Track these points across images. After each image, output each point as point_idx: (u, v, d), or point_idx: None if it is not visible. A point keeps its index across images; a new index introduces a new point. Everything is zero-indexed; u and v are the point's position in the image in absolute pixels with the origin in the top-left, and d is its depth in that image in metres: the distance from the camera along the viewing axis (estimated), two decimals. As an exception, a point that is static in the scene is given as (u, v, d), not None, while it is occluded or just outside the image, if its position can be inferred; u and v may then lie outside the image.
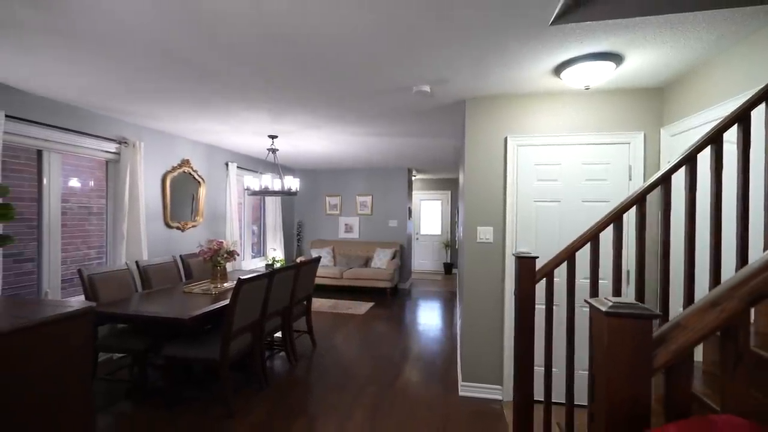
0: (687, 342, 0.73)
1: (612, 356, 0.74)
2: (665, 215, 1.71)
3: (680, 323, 0.75)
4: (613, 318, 0.75)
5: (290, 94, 2.78)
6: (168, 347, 2.61)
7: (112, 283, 3.00)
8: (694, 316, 0.75)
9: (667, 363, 0.74)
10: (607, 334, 0.75)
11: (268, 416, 2.55)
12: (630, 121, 2.66)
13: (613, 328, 0.75)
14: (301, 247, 7.46)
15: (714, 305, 0.73)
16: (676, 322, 0.76)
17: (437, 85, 2.59)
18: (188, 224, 4.46)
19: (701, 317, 0.73)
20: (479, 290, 2.85)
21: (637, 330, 0.73)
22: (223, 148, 5.11)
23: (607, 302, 0.77)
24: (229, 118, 3.49)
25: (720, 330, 0.73)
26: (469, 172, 2.89)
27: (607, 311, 0.75)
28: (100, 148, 3.40)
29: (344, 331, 4.47)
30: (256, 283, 2.73)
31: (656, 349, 0.75)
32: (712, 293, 0.75)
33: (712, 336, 0.75)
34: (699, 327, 0.73)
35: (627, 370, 0.73)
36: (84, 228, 3.58)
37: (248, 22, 1.75)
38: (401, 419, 2.54)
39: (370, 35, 1.88)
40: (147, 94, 2.83)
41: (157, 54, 2.10)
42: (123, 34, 1.86)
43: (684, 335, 0.73)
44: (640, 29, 1.83)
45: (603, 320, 0.76)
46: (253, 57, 2.13)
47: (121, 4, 1.60)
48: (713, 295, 0.74)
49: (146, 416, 2.53)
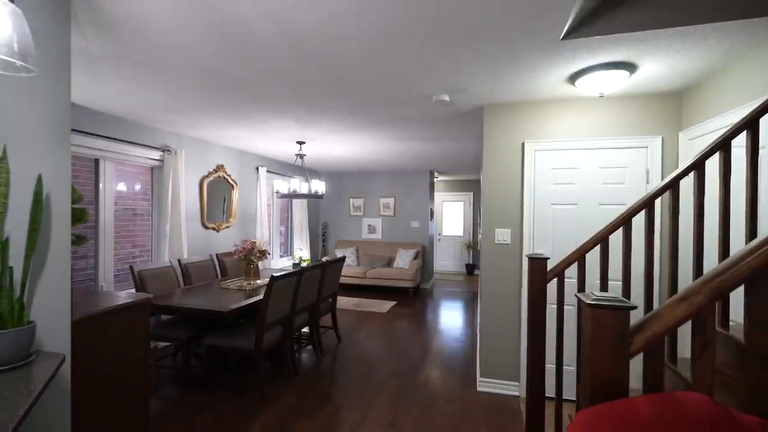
0: (660, 330, 0.85)
1: (595, 342, 0.88)
2: (673, 219, 1.79)
3: (655, 314, 0.88)
4: (595, 309, 0.88)
5: (317, 104, 2.99)
6: (209, 337, 2.87)
7: (158, 278, 3.31)
8: (667, 308, 0.87)
9: (643, 348, 0.86)
10: (590, 323, 0.89)
11: (297, 403, 2.77)
12: (648, 126, 2.70)
13: (595, 318, 0.88)
14: (326, 247, 7.72)
15: (683, 300, 0.85)
16: (653, 314, 0.89)
17: (456, 94, 2.73)
18: (222, 225, 4.78)
19: (673, 309, 0.86)
20: (497, 289, 2.96)
21: (616, 320, 0.86)
22: (253, 154, 5.41)
23: (591, 296, 0.91)
24: (260, 126, 3.75)
25: (689, 320, 0.85)
26: (488, 175, 3.01)
27: (590, 303, 0.88)
28: (147, 155, 3.74)
29: (368, 328, 4.66)
30: (287, 281, 2.95)
31: (634, 336, 0.88)
32: (683, 290, 0.87)
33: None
34: (670, 317, 0.85)
35: (608, 353, 0.86)
36: (129, 228, 3.93)
37: (278, 42, 1.94)
38: (421, 410, 2.69)
39: (392, 51, 2.05)
40: (189, 108, 3.12)
41: (199, 73, 2.35)
42: (172, 58, 2.12)
43: (657, 324, 0.86)
44: (651, 41, 1.91)
45: (588, 311, 0.90)
46: (283, 73, 2.34)
47: (173, 34, 1.84)
48: (683, 291, 0.86)
49: (189, 399, 2.79)
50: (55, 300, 1.44)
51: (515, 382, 2.92)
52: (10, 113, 1.29)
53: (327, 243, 7.74)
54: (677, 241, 1.79)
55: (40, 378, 1.15)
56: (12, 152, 1.29)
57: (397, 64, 2.20)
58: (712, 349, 0.83)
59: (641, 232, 1.94)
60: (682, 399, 0.78)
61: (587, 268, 2.01)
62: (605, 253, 1.86)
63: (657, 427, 0.71)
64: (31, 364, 1.24)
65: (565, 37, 1.87)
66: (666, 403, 0.77)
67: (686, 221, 2.22)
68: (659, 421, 0.72)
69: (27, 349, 1.25)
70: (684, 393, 0.80)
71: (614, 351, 0.85)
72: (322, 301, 3.80)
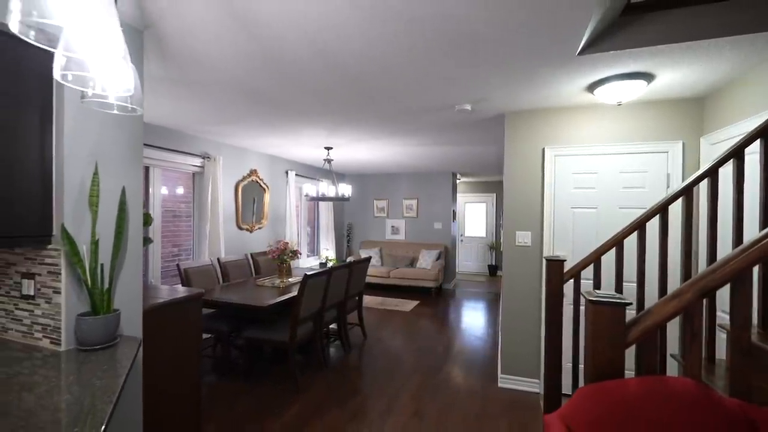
0: (653, 323, 0.99)
1: (595, 331, 1.02)
2: (687, 224, 1.87)
3: (649, 310, 1.01)
4: (596, 305, 1.03)
5: (345, 114, 3.20)
6: (248, 330, 3.13)
7: (201, 275, 3.61)
8: (660, 305, 1.00)
9: (637, 338, 1.00)
10: (592, 316, 1.03)
11: (328, 392, 2.98)
12: (668, 131, 2.75)
13: (596, 312, 1.02)
14: (351, 248, 7.96)
15: (674, 297, 0.98)
16: (646, 310, 1.02)
17: (477, 104, 2.87)
18: (255, 226, 5.08)
19: (664, 306, 0.99)
20: (518, 289, 3.08)
21: (613, 314, 1.00)
22: (283, 158, 5.70)
23: (593, 293, 1.05)
24: (292, 134, 4.00)
25: (677, 315, 0.98)
26: (509, 179, 3.13)
27: (592, 300, 1.03)
28: (190, 162, 4.06)
29: (392, 326, 4.84)
30: (318, 279, 3.17)
31: (630, 329, 1.02)
32: (675, 289, 1.00)
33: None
34: (662, 313, 0.99)
35: (606, 341, 1.01)
36: (170, 229, 4.27)
37: (315, 63, 2.15)
38: (443, 403, 2.85)
39: (419, 69, 2.22)
40: (229, 119, 3.39)
41: (240, 90, 2.60)
42: (219, 78, 2.37)
43: (651, 318, 1.00)
44: (666, 54, 1.99)
45: (590, 307, 1.04)
46: (316, 88, 2.56)
47: (222, 60, 2.08)
48: (675, 290, 1.00)
49: (229, 386, 3.06)
50: (131, 292, 1.70)
51: (536, 380, 3.02)
52: (101, 138, 1.55)
53: (351, 243, 7.98)
54: (690, 247, 1.87)
55: (127, 356, 1.40)
56: (101, 169, 1.55)
57: (423, 79, 2.37)
58: (700, 340, 0.96)
59: (658, 235, 2.03)
60: (670, 381, 0.92)
61: (605, 269, 2.11)
62: (620, 256, 1.97)
63: (644, 401, 0.85)
64: (117, 345, 1.49)
65: (582, 52, 1.99)
66: (654, 383, 0.91)
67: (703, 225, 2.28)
68: (646, 397, 0.86)
69: (114, 332, 1.50)
70: (672, 377, 0.93)
71: (611, 340, 0.99)
72: (349, 299, 4.01)
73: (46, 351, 1.44)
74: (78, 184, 1.48)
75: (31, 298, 1.49)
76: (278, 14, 1.63)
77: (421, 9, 1.57)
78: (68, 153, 1.44)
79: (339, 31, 1.76)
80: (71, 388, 1.14)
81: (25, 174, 1.35)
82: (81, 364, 1.32)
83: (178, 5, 1.57)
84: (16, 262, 1.53)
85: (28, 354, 1.41)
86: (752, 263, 0.90)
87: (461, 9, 1.57)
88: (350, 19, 1.66)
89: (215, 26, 1.73)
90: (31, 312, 1.50)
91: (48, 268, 1.46)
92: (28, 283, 1.49)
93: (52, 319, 1.46)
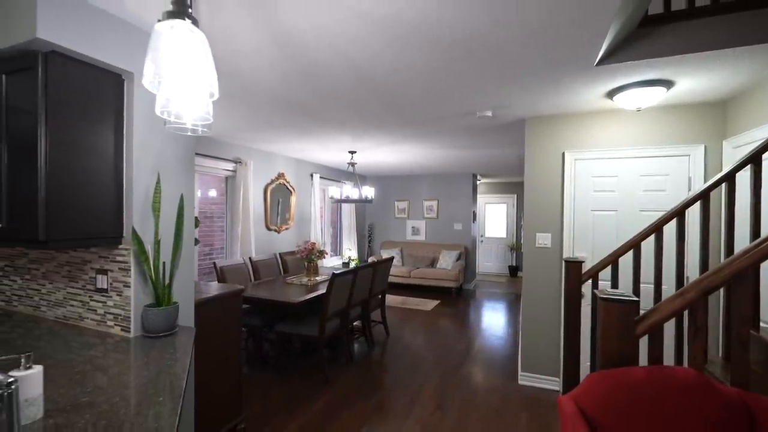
0: (660, 319, 1.10)
1: (606, 326, 1.14)
2: (704, 227, 1.94)
3: (656, 308, 1.12)
4: (606, 302, 1.14)
5: (371, 120, 3.36)
6: (279, 325, 3.34)
7: (234, 273, 3.85)
8: (666, 302, 1.11)
9: (645, 332, 1.11)
10: (603, 312, 1.15)
11: (354, 385, 3.15)
12: (689, 134, 2.78)
13: (606, 309, 1.14)
14: (372, 248, 8.13)
15: (679, 295, 1.09)
16: (654, 307, 1.13)
17: (498, 110, 2.97)
18: (282, 227, 5.32)
19: (671, 303, 1.10)
20: (538, 289, 3.16)
21: (622, 310, 1.12)
22: (309, 162, 5.93)
23: (604, 292, 1.17)
24: (318, 138, 4.20)
25: (682, 312, 1.08)
26: (529, 183, 3.21)
27: (602, 297, 1.14)
28: (223, 167, 4.32)
29: (413, 324, 4.98)
30: (345, 278, 3.34)
31: (638, 324, 1.13)
32: (681, 288, 1.11)
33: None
34: (668, 309, 1.09)
35: (615, 335, 1.12)
36: (203, 229, 4.54)
37: (347, 77, 2.32)
38: (465, 397, 2.97)
39: (443, 81, 2.35)
40: (261, 126, 3.62)
41: (275, 101, 2.80)
42: (256, 91, 2.57)
43: (658, 314, 1.10)
44: (684, 63, 2.06)
45: (601, 303, 1.16)
46: (346, 99, 2.73)
47: (262, 75, 2.28)
48: (681, 289, 1.10)
49: (262, 377, 3.27)
50: (186, 287, 1.91)
51: (555, 377, 3.10)
52: (162, 152, 1.76)
53: (373, 244, 8.15)
54: (708, 251, 1.93)
55: (186, 343, 1.59)
56: (162, 179, 1.76)
57: (446, 89, 2.50)
58: (703, 334, 1.07)
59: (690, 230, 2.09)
60: (673, 370, 1.03)
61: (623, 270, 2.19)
62: (637, 258, 2.05)
63: (647, 385, 0.97)
64: (176, 334, 1.69)
65: (600, 63, 2.08)
66: (658, 371, 1.02)
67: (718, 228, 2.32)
68: (650, 381, 0.97)
69: (174, 322, 1.71)
70: (675, 366, 1.04)
71: (619, 334, 1.11)
72: (372, 297, 4.17)
73: (117, 337, 1.65)
74: (144, 192, 1.69)
75: (104, 291, 1.72)
76: (314, 36, 1.80)
77: (447, 32, 1.71)
78: (136, 165, 1.66)
79: (369, 49, 1.92)
80: (149, 367, 1.34)
81: (102, 184, 1.57)
82: (149, 348, 1.53)
83: (229, 31, 1.76)
84: (91, 260, 1.75)
85: (102, 339, 1.63)
86: (751, 265, 1.00)
87: (484, 29, 1.70)
88: (379, 39, 1.81)
89: (258, 48, 1.92)
90: (104, 303, 1.72)
91: (119, 265, 1.68)
92: (101, 278, 1.72)
93: (123, 309, 1.68)
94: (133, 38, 1.64)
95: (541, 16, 1.60)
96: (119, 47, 1.59)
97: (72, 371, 1.28)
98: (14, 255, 2.03)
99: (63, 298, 1.84)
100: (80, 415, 1.01)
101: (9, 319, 1.87)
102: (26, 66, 1.40)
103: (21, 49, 1.43)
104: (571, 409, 0.99)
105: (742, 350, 1.03)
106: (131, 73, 1.64)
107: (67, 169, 1.45)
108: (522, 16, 1.60)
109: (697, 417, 0.94)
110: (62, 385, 1.18)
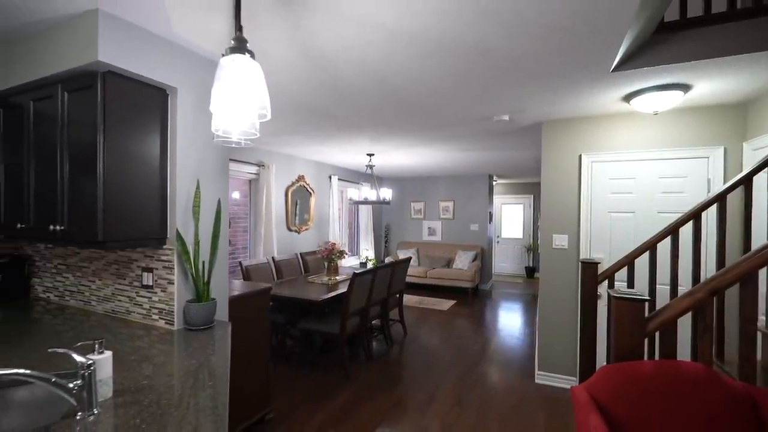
0: (670, 316, 1.17)
1: (618, 323, 1.21)
2: (720, 229, 1.97)
3: (666, 306, 1.19)
4: (618, 300, 1.22)
5: (390, 125, 3.47)
6: (303, 322, 3.48)
7: (259, 272, 4.01)
8: (676, 302, 1.18)
9: (656, 329, 1.18)
10: (615, 311, 1.22)
11: (374, 381, 3.26)
12: (708, 136, 2.78)
13: (618, 307, 1.22)
14: (388, 248, 8.24)
15: (688, 295, 1.16)
16: (665, 306, 1.20)
17: (515, 114, 3.04)
18: (303, 228, 5.48)
19: (680, 302, 1.17)
20: (555, 289, 3.21)
21: (634, 308, 1.19)
22: (328, 164, 6.08)
23: (617, 291, 1.24)
24: (338, 142, 4.33)
25: (691, 310, 1.15)
26: (546, 185, 3.26)
27: (615, 296, 1.22)
28: (247, 170, 4.50)
29: (430, 324, 5.06)
30: (365, 277, 3.46)
31: (649, 321, 1.20)
32: (691, 288, 1.17)
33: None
34: (678, 307, 1.16)
35: (627, 332, 1.19)
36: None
37: (371, 88, 2.43)
38: (482, 395, 3.04)
39: (462, 90, 2.44)
40: (284, 131, 3.77)
41: (300, 109, 2.94)
42: (283, 100, 2.71)
43: (668, 312, 1.17)
44: (700, 68, 2.09)
45: (613, 302, 1.23)
46: (368, 106, 2.84)
47: (290, 87, 2.42)
48: (691, 289, 1.17)
49: (286, 372, 3.41)
50: (221, 284, 2.05)
51: (572, 377, 3.14)
52: (200, 159, 1.91)
53: (389, 244, 8.26)
54: (724, 252, 1.96)
55: (224, 335, 1.73)
56: (201, 184, 1.91)
57: (464, 96, 2.59)
58: (710, 331, 1.13)
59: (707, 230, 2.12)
60: (682, 364, 1.10)
61: (640, 272, 2.23)
62: (653, 259, 2.09)
63: (657, 377, 1.04)
64: (214, 327, 1.84)
65: (615, 70, 2.13)
66: (668, 365, 1.09)
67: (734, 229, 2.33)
68: (658, 375, 1.05)
69: (212, 316, 1.85)
70: (685, 361, 1.11)
71: (630, 331, 1.18)
72: (391, 297, 4.28)
73: (162, 329, 1.81)
74: (185, 197, 1.84)
75: (149, 287, 1.88)
76: (342, 51, 1.92)
77: (470, 45, 1.80)
78: (179, 172, 1.81)
79: (393, 62, 2.02)
80: (194, 356, 1.48)
81: (150, 189, 1.73)
82: (192, 340, 1.67)
83: (268, 47, 1.90)
84: (137, 259, 1.92)
85: (148, 332, 1.78)
86: (758, 267, 1.07)
87: (502, 42, 1.79)
88: (404, 53, 1.92)
89: (291, 61, 2.06)
90: (150, 298, 1.88)
91: (163, 263, 1.84)
92: (147, 276, 1.88)
93: (167, 304, 1.83)
94: (176, 56, 1.79)
95: (556, 30, 1.67)
96: (164, 65, 1.74)
97: (128, 359, 1.43)
98: (67, 254, 2.22)
99: (111, 294, 2.01)
100: (144, 395, 1.14)
101: (62, 313, 2.06)
102: (86, 85, 1.57)
103: (81, 71, 1.60)
104: (584, 398, 1.07)
105: (748, 346, 1.09)
106: (174, 88, 1.79)
107: (120, 177, 1.61)
108: (539, 30, 1.68)
109: (703, 408, 1.01)
110: (121, 370, 1.32)
